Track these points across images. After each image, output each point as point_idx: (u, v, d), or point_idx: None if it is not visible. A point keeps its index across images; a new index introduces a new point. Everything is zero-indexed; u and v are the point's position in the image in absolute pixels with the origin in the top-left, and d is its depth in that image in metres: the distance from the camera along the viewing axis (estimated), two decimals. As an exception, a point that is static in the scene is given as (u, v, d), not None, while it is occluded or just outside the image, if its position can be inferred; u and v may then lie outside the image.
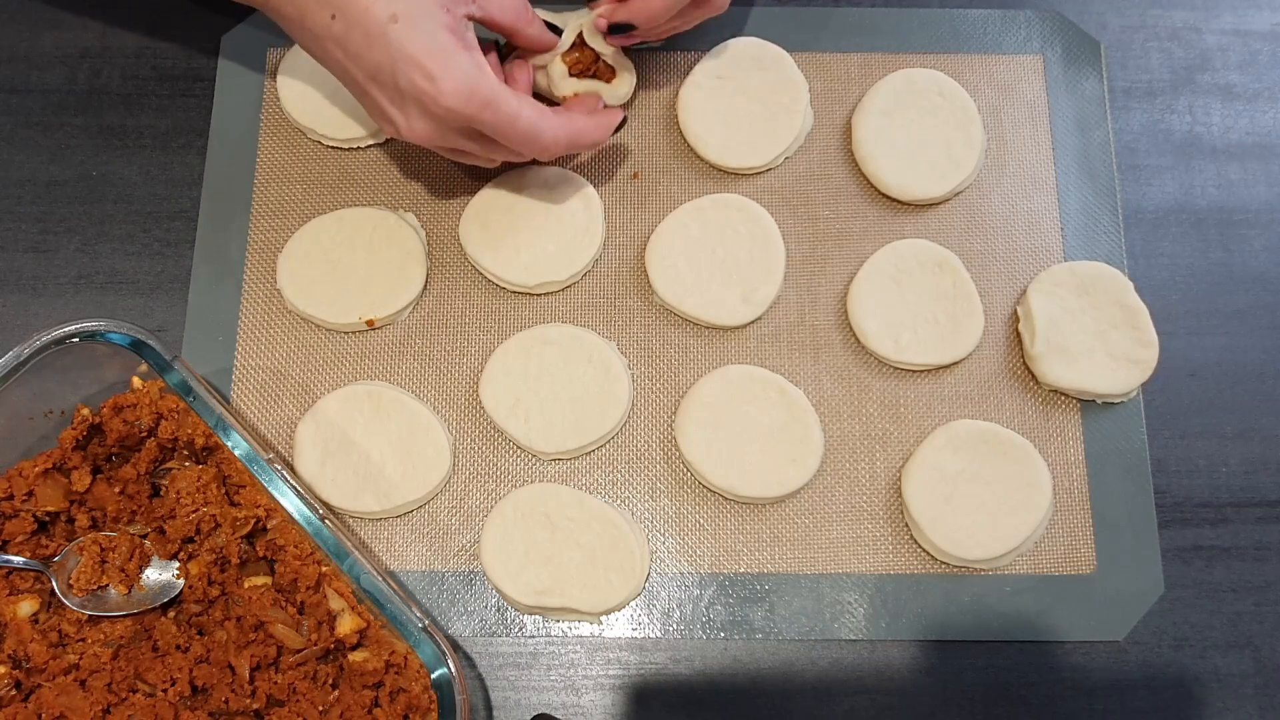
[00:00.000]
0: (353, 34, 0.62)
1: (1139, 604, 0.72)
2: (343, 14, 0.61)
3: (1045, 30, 0.84)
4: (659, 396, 0.76)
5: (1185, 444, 0.76)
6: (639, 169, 0.80)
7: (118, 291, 0.78)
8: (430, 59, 0.61)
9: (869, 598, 0.72)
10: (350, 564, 0.64)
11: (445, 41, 0.62)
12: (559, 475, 0.74)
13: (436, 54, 0.61)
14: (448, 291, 0.78)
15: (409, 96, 0.63)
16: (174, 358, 0.67)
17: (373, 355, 0.76)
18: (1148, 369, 0.74)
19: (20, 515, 0.66)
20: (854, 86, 0.82)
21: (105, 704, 0.62)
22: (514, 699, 0.70)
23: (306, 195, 0.79)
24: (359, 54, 0.62)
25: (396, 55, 0.61)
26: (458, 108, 0.62)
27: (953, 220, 0.80)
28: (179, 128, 0.81)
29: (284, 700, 0.64)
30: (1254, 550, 0.74)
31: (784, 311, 0.78)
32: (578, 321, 0.77)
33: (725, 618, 0.71)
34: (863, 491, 0.74)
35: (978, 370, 0.77)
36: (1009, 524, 0.71)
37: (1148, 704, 0.71)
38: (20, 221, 0.79)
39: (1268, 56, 0.85)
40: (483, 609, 0.72)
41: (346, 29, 0.62)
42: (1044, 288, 0.76)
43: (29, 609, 0.65)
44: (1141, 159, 0.82)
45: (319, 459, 0.72)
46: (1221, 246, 0.80)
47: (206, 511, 0.66)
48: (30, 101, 0.82)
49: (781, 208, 0.79)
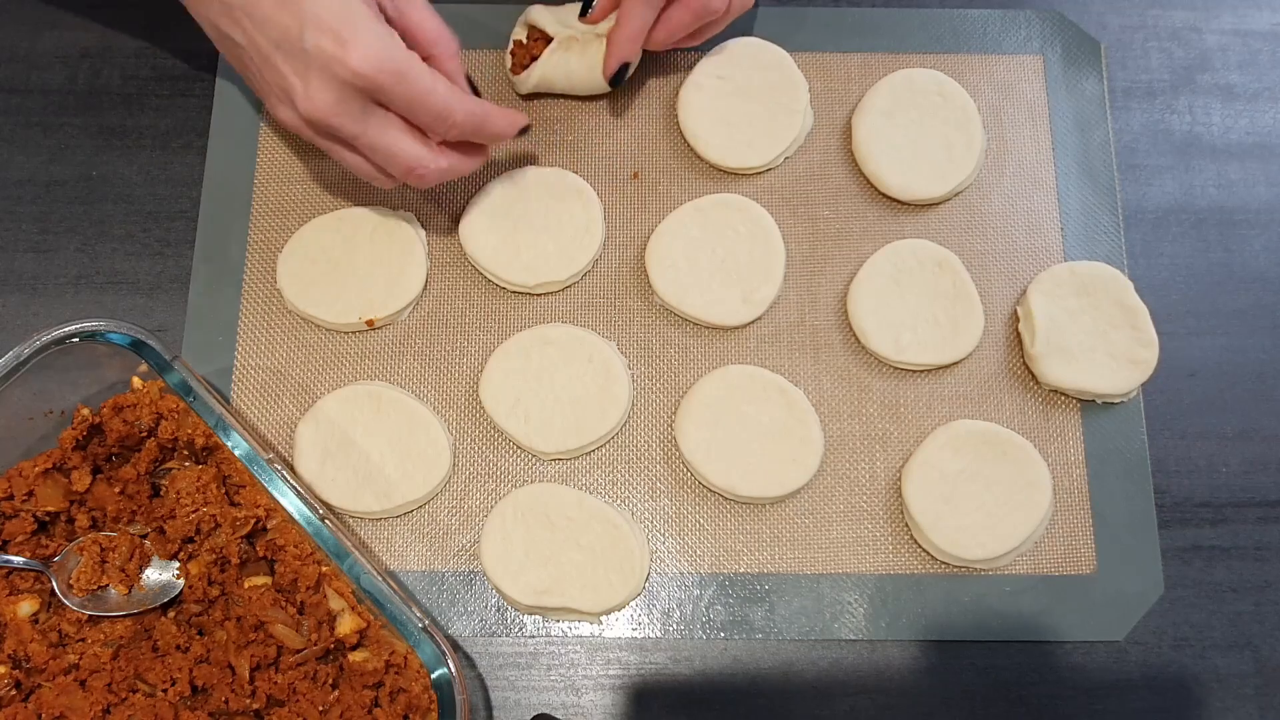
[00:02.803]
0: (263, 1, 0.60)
1: (1139, 604, 0.72)
2: None
3: (1045, 30, 0.84)
4: (659, 396, 0.76)
5: (1185, 444, 0.76)
6: (639, 169, 0.80)
7: (118, 291, 0.78)
8: (341, 23, 0.59)
9: (869, 598, 0.72)
10: (350, 564, 0.64)
11: (357, 8, 0.60)
12: (559, 475, 0.74)
13: (348, 18, 0.59)
14: (448, 291, 0.78)
15: (314, 61, 0.60)
16: (174, 358, 0.67)
17: (373, 355, 0.76)
18: (1148, 369, 0.74)
19: (20, 515, 0.66)
20: (854, 86, 0.82)
21: (105, 704, 0.62)
22: (514, 699, 0.70)
23: (306, 195, 0.79)
24: (267, 18, 0.60)
25: (307, 18, 0.59)
26: (368, 72, 0.60)
27: (953, 220, 0.80)
28: (179, 128, 0.81)
29: (284, 700, 0.64)
30: (1254, 550, 0.74)
31: (784, 311, 0.78)
32: (578, 321, 0.77)
33: (725, 618, 0.71)
34: (863, 491, 0.74)
35: (978, 370, 0.77)
36: (1009, 524, 0.71)
37: (1148, 704, 0.71)
38: (20, 221, 0.79)
39: (1268, 56, 0.85)
40: (483, 609, 0.72)
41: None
42: (1044, 288, 0.76)
43: (29, 609, 0.65)
44: (1141, 159, 0.82)
45: (319, 459, 0.72)
46: (1221, 246, 0.80)
47: (206, 511, 0.66)
48: (30, 101, 0.82)
49: (781, 208, 0.79)
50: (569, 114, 0.81)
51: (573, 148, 0.81)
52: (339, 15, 0.59)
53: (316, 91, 0.61)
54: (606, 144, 0.81)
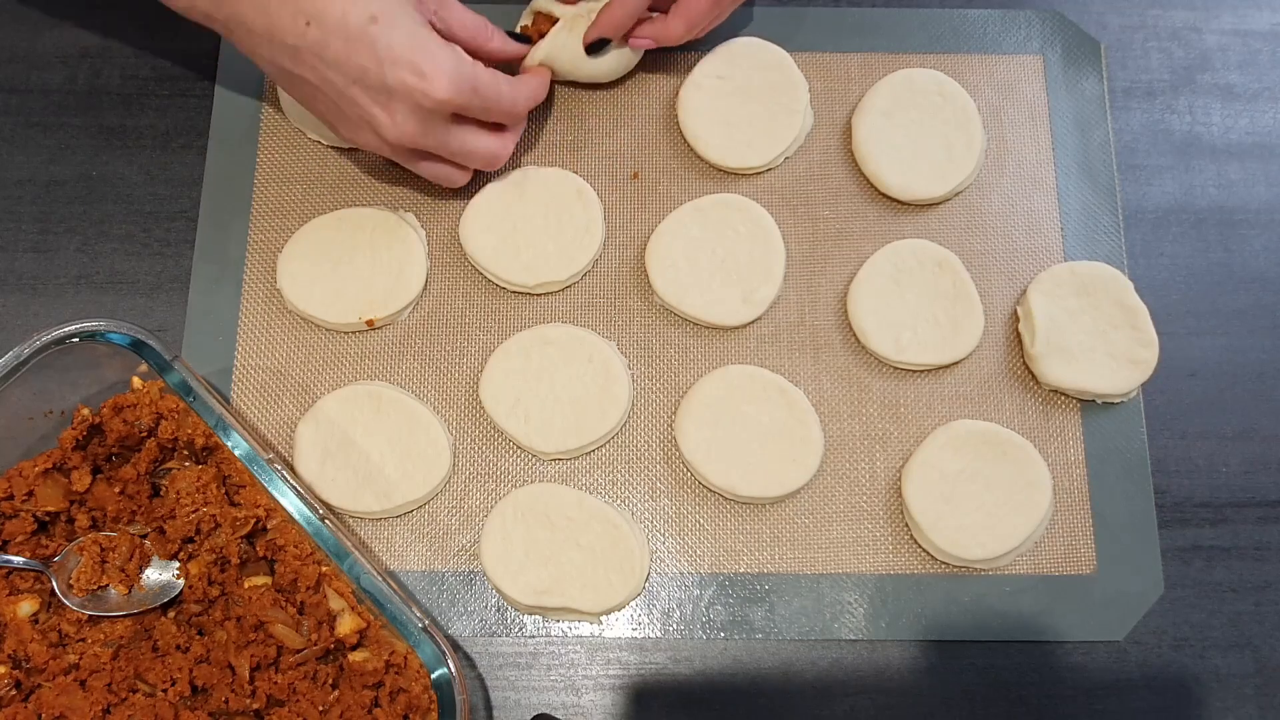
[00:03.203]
0: (332, 40, 0.62)
1: (1139, 604, 0.72)
2: (318, 21, 0.61)
3: (1045, 30, 0.84)
4: (659, 396, 0.76)
5: (1185, 444, 0.76)
6: (639, 169, 0.80)
7: (118, 291, 0.78)
8: (417, 55, 0.62)
9: (869, 598, 0.72)
10: (350, 564, 0.64)
11: (426, 36, 0.63)
12: (559, 475, 0.74)
13: (420, 49, 0.63)
14: (448, 291, 0.78)
15: (397, 94, 0.63)
16: (174, 358, 0.67)
17: (373, 355, 0.76)
18: (1148, 369, 0.74)
19: (20, 515, 0.66)
20: (854, 86, 0.82)
21: (105, 704, 0.62)
22: (514, 699, 0.70)
23: (306, 195, 0.79)
24: (339, 60, 0.62)
25: (384, 55, 0.62)
26: (451, 98, 0.64)
27: (953, 220, 0.80)
28: (179, 128, 0.81)
29: (284, 700, 0.64)
30: (1254, 550, 0.74)
31: (784, 311, 0.78)
32: (578, 321, 0.77)
33: (725, 618, 0.71)
34: (863, 491, 0.74)
35: (978, 370, 0.77)
36: (1009, 524, 0.71)
37: (1148, 704, 0.71)
38: (20, 221, 0.79)
39: (1268, 56, 0.85)
40: (483, 609, 0.72)
41: (324, 35, 0.62)
42: (1044, 288, 0.76)
43: (29, 609, 0.65)
44: (1141, 159, 0.82)
45: (319, 459, 0.72)
46: (1221, 246, 0.80)
47: (206, 511, 0.66)
48: (30, 101, 0.82)
49: (781, 208, 0.79)
50: (569, 114, 0.81)
51: (573, 148, 0.81)
52: (412, 47, 0.62)
53: (403, 121, 0.65)
54: (606, 144, 0.81)
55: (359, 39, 0.61)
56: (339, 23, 0.61)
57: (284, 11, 0.61)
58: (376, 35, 0.61)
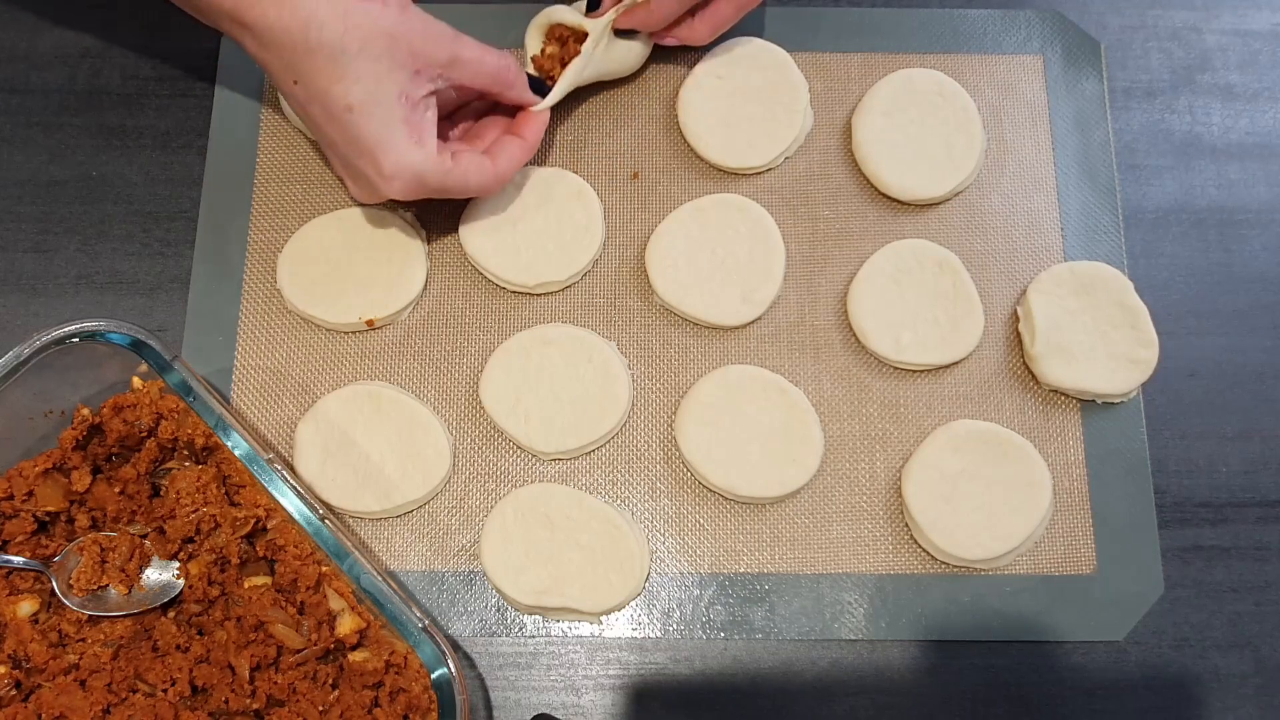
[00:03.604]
0: (313, 107, 0.63)
1: (1139, 604, 0.72)
2: (305, 84, 0.62)
3: (1045, 30, 0.84)
4: (659, 396, 0.76)
5: (1185, 444, 0.76)
6: (639, 169, 0.80)
7: (118, 291, 0.78)
8: (381, 152, 0.63)
9: (869, 598, 0.72)
10: (350, 564, 0.64)
11: (397, 135, 0.63)
12: (559, 475, 0.74)
13: (387, 148, 0.63)
14: (448, 291, 0.78)
15: (360, 175, 0.66)
16: (174, 358, 0.67)
17: (373, 355, 0.76)
18: (1148, 369, 0.74)
19: (20, 515, 0.66)
20: (854, 86, 0.82)
21: (105, 704, 0.62)
22: (514, 699, 0.70)
23: (306, 195, 0.79)
24: (318, 124, 0.65)
25: (351, 140, 0.63)
26: (404, 196, 0.66)
27: (953, 220, 0.80)
28: (179, 128, 0.81)
29: (284, 700, 0.64)
30: (1254, 550, 0.74)
31: (784, 311, 0.78)
32: (578, 321, 0.77)
33: (725, 618, 0.71)
34: (863, 491, 0.74)
35: (978, 370, 0.77)
36: (1009, 524, 0.71)
37: (1148, 704, 0.71)
38: (20, 221, 0.79)
39: (1268, 56, 0.85)
40: (483, 609, 0.72)
41: (308, 99, 0.63)
42: (1044, 288, 0.76)
43: (29, 609, 0.65)
44: (1141, 159, 0.82)
45: (319, 459, 0.72)
46: (1221, 246, 0.80)
47: (206, 511, 0.66)
48: (30, 101, 0.82)
49: (781, 208, 0.79)
50: (569, 114, 0.81)
51: (573, 148, 0.81)
52: (378, 144, 0.63)
53: (364, 196, 0.69)
54: (606, 144, 0.81)
55: (336, 119, 0.63)
56: (320, 96, 0.62)
57: (276, 63, 0.62)
58: (348, 123, 0.63)
